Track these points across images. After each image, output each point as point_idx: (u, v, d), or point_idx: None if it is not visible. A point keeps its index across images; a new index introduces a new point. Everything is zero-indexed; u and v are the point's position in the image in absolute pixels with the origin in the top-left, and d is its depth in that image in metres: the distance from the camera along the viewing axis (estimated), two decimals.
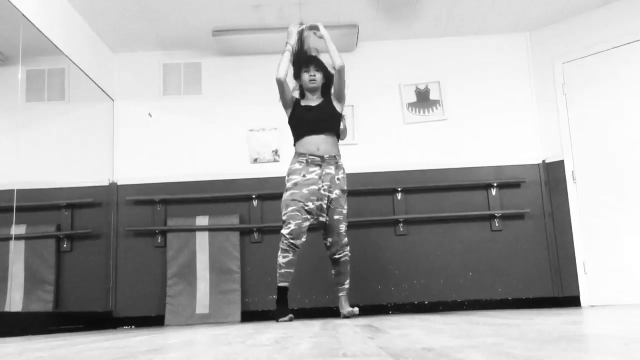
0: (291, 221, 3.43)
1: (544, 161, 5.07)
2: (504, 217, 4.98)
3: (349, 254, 3.73)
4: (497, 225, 4.96)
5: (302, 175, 3.48)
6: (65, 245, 4.44)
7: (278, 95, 3.74)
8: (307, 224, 3.47)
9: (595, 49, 4.81)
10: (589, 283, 4.71)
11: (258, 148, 5.15)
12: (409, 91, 5.22)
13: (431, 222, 5.00)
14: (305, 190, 3.46)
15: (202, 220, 4.92)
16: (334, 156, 3.60)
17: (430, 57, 5.28)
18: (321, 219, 3.56)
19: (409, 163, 5.09)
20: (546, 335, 1.43)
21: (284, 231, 3.45)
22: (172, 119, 5.21)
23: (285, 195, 3.51)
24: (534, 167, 5.07)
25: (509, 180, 5.01)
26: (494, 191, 5.01)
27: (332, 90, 3.75)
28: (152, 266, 4.96)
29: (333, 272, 3.72)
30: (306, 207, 3.45)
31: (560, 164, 4.95)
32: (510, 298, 4.87)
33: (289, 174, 3.56)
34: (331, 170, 3.54)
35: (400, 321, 2.80)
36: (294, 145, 3.69)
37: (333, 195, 3.53)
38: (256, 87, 5.24)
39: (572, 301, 4.77)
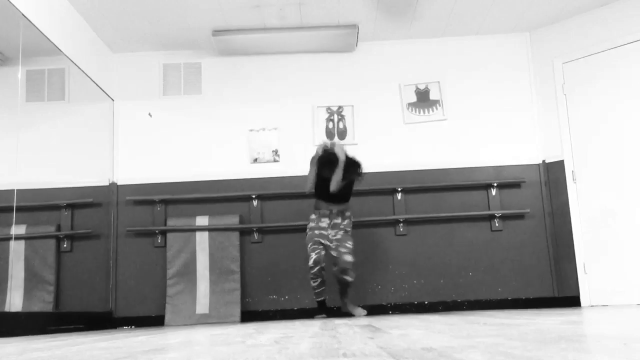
0: (312, 254, 4.32)
1: (544, 161, 5.06)
2: (504, 217, 4.98)
3: (350, 279, 4.33)
4: (497, 225, 4.96)
5: (316, 223, 4.40)
6: (65, 245, 4.44)
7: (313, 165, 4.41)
8: (323, 252, 4.37)
9: (595, 49, 4.81)
10: (589, 283, 4.70)
11: (258, 148, 5.15)
12: (409, 91, 5.22)
13: (431, 222, 5.00)
14: (317, 232, 4.39)
15: (202, 220, 4.92)
16: (342, 210, 4.42)
17: (430, 57, 5.28)
18: (331, 253, 4.39)
19: (409, 163, 5.09)
20: (546, 335, 1.43)
21: (309, 263, 4.33)
22: (172, 119, 5.20)
23: (307, 236, 4.43)
24: (534, 167, 5.07)
25: (509, 180, 5.00)
26: (494, 191, 5.01)
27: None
28: (152, 266, 4.96)
29: (339, 287, 4.50)
30: (322, 242, 4.38)
31: (560, 164, 4.95)
32: (510, 298, 4.87)
33: (309, 221, 4.46)
34: (338, 220, 4.40)
35: (400, 321, 2.80)
36: (314, 197, 4.47)
37: (338, 236, 4.37)
38: (256, 87, 5.24)
39: (572, 301, 4.77)
